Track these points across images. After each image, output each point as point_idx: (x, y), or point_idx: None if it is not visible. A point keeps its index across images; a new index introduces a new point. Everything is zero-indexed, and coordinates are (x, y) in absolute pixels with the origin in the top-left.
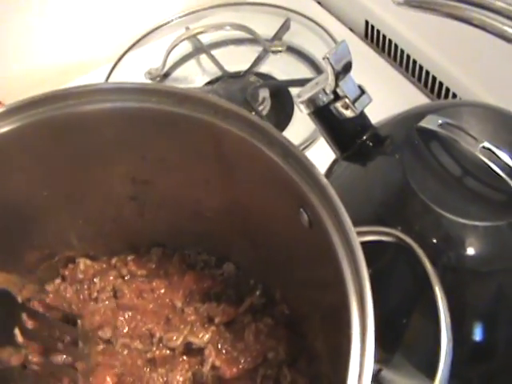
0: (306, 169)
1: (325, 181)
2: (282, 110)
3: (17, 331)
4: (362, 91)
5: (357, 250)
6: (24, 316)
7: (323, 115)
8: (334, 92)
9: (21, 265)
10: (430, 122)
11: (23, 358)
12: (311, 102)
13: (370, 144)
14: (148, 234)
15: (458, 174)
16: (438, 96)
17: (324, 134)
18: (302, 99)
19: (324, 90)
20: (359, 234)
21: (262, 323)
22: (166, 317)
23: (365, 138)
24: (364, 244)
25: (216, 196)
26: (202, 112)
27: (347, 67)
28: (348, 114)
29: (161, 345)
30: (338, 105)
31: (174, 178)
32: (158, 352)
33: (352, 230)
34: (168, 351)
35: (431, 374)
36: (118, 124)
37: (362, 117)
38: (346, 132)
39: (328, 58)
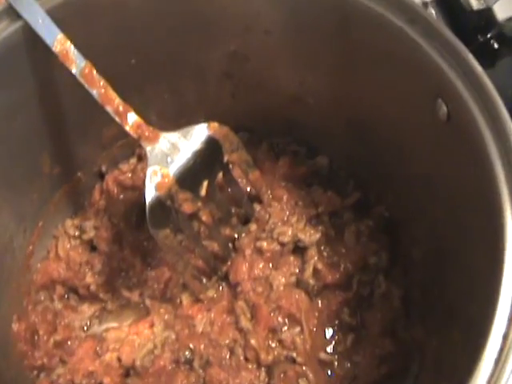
0: (456, 53)
1: (480, 69)
2: None
3: (205, 184)
4: None
5: None
6: (220, 175)
7: (448, 4)
8: None
9: (98, 140)
10: None
11: (194, 210)
12: None
13: (495, 44)
14: (236, 117)
15: None
16: None
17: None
18: None
19: None
20: None
21: (363, 224)
22: None
23: (489, 36)
24: None
25: (328, 80)
26: None
27: None
28: (477, 5)
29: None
30: None
31: (278, 56)
32: (266, 245)
33: (510, 127)
34: (278, 246)
35: None
36: None
37: (489, 11)
38: (468, 26)
39: None
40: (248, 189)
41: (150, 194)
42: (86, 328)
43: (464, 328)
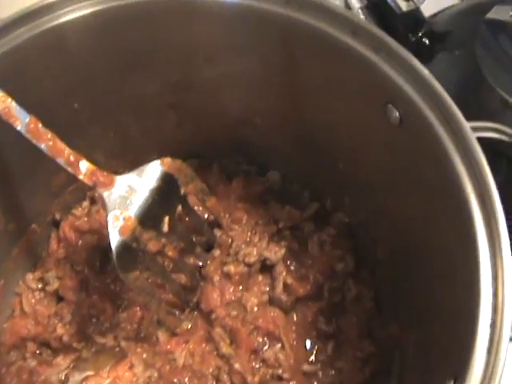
0: (402, 61)
1: (427, 72)
2: None
3: (166, 220)
4: None
5: (473, 144)
6: (179, 208)
7: (378, 9)
8: None
9: (48, 189)
10: (500, 13)
11: (160, 247)
12: None
13: (426, 41)
14: (183, 145)
15: None
16: None
17: None
18: None
19: None
20: (473, 129)
21: (325, 233)
22: None
23: (420, 34)
24: None
25: (273, 99)
26: (271, 2)
27: None
28: (407, 6)
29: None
30: None
31: (221, 80)
32: (233, 268)
33: (465, 125)
34: (245, 268)
35: None
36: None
37: (416, 11)
38: (400, 28)
39: None
40: (206, 216)
41: (114, 240)
42: (64, 381)
43: (445, 320)
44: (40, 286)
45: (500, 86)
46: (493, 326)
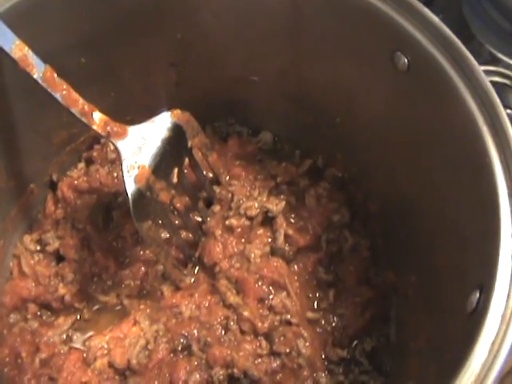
0: (411, 8)
1: (436, 19)
2: None
3: (175, 171)
4: None
5: (486, 85)
6: (186, 161)
7: None
8: None
9: (47, 148)
10: None
11: (169, 198)
12: None
13: None
14: (179, 105)
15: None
16: None
17: None
18: None
19: None
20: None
21: (320, 187)
22: None
23: None
24: None
25: (274, 55)
26: None
27: None
28: None
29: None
30: None
31: (224, 37)
32: (235, 222)
33: (477, 67)
34: (247, 221)
35: None
36: None
37: None
38: None
39: None
40: (204, 172)
41: (130, 188)
42: (67, 341)
43: (449, 258)
44: (39, 247)
45: (488, 42)
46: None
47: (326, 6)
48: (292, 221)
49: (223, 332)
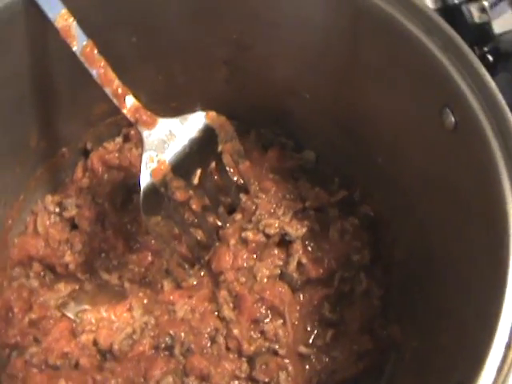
0: (469, 66)
1: (493, 84)
2: None
3: (198, 172)
4: None
5: None
6: (213, 164)
7: (449, 14)
8: None
9: (86, 116)
10: None
11: (185, 198)
12: None
13: (490, 58)
14: (227, 104)
15: None
16: None
17: None
18: None
19: None
20: None
21: (348, 222)
22: None
23: (486, 49)
24: None
25: (327, 79)
26: None
27: None
28: (480, 18)
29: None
30: (474, 7)
31: (280, 48)
32: (251, 236)
33: None
34: (263, 238)
35: None
36: None
37: (487, 25)
38: (466, 38)
39: None
40: (235, 178)
41: (144, 180)
42: (61, 308)
43: (455, 333)
44: (57, 210)
45: None
46: (507, 347)
47: (385, 49)
48: (309, 249)
49: (209, 343)
